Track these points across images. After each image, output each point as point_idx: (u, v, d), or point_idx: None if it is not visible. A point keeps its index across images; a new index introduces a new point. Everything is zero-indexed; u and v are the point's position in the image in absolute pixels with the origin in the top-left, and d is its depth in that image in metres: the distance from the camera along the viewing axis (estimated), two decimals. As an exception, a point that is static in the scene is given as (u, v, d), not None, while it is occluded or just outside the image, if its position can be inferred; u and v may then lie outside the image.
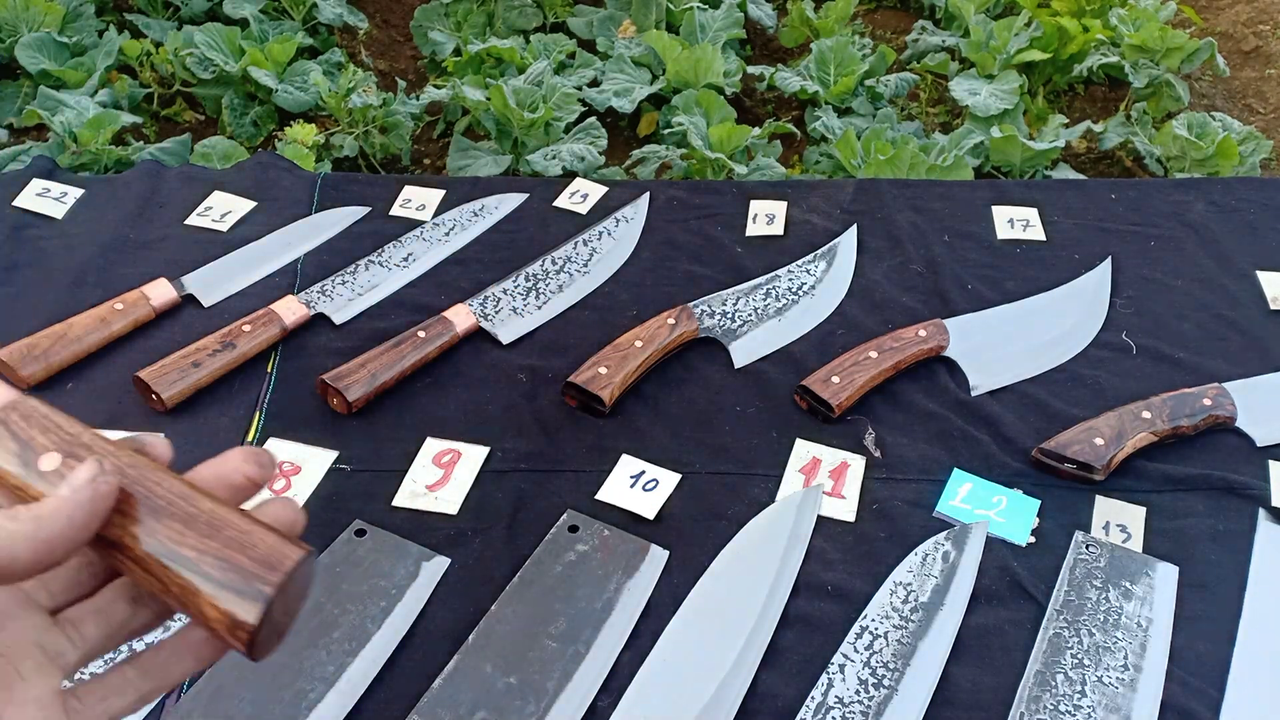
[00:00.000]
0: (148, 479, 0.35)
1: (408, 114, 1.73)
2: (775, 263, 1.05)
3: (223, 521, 0.35)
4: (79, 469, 0.34)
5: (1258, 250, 1.10)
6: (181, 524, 0.34)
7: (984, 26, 1.96)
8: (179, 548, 0.34)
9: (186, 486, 0.36)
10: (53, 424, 0.36)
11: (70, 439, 0.35)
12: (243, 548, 0.34)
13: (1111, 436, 0.83)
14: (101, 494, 0.33)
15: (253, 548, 0.34)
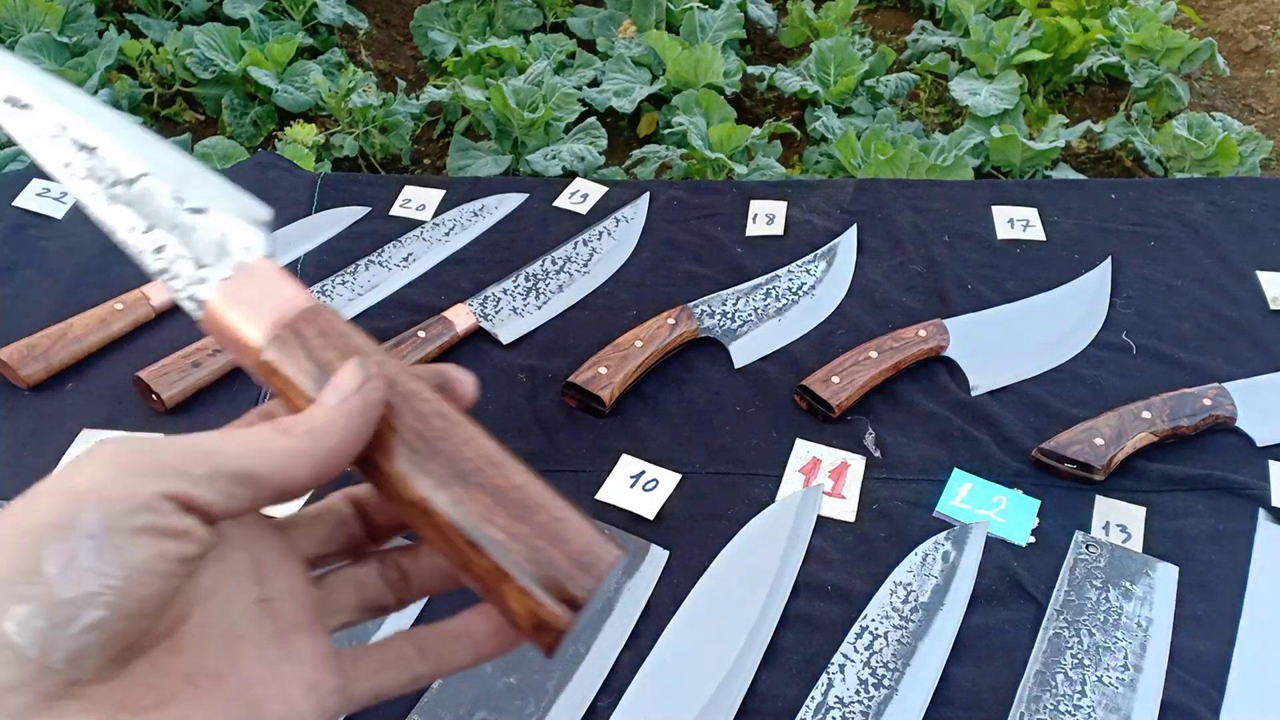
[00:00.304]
0: (455, 434, 0.32)
1: (408, 114, 1.73)
2: (775, 263, 1.05)
3: (534, 503, 0.31)
4: (341, 374, 0.31)
5: (1258, 250, 1.10)
6: (491, 498, 0.31)
7: (984, 26, 1.96)
8: (487, 526, 0.30)
9: (495, 447, 0.32)
10: (352, 346, 0.32)
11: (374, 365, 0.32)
12: (557, 539, 0.31)
13: (1111, 436, 0.83)
14: (371, 401, 0.31)
15: (567, 541, 0.31)
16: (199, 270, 0.33)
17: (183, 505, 0.27)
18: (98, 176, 0.33)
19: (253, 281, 0.33)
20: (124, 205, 0.33)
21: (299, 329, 0.32)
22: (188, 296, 0.33)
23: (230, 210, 0.34)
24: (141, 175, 0.33)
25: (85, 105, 0.34)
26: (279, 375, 0.32)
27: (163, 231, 0.33)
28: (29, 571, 0.25)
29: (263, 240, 0.34)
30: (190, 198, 0.33)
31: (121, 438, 0.28)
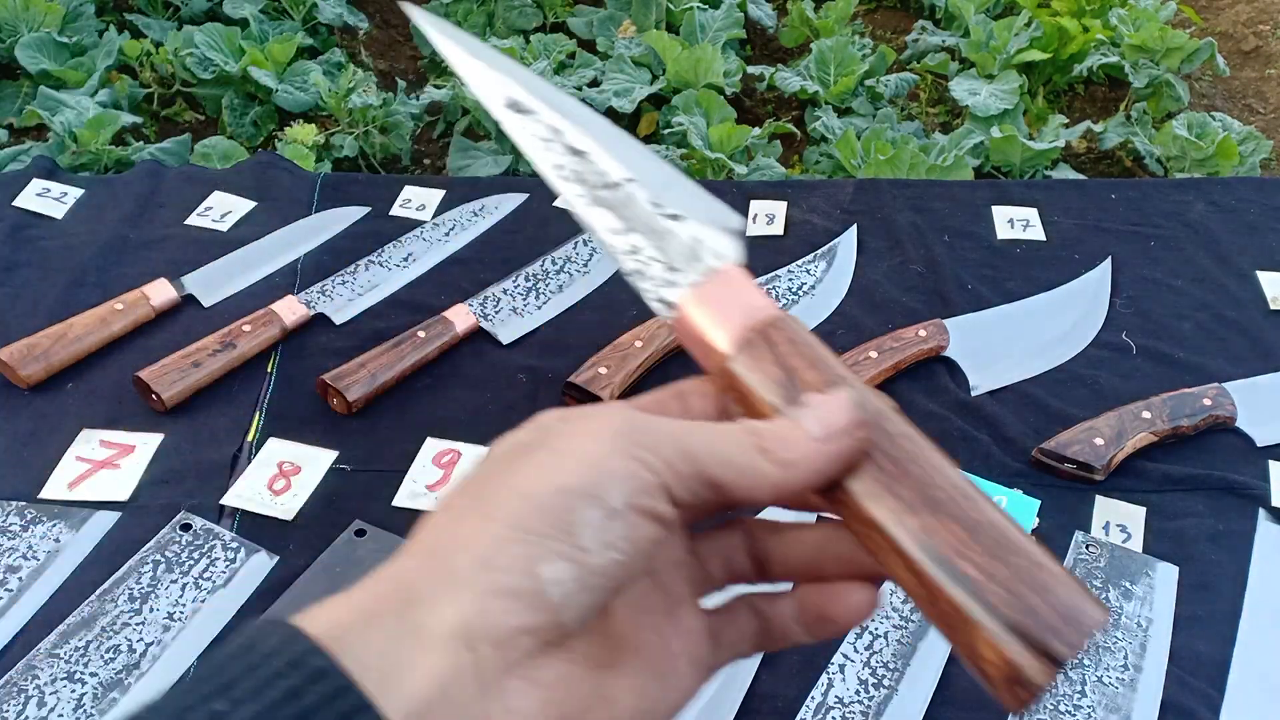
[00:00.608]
0: (924, 460, 0.30)
1: (408, 114, 1.73)
2: (775, 263, 1.05)
3: (1011, 542, 0.29)
4: (832, 407, 0.30)
5: (1258, 250, 1.10)
6: (965, 531, 0.29)
7: (984, 26, 1.96)
8: (960, 561, 0.28)
9: (964, 479, 0.30)
10: (819, 359, 0.31)
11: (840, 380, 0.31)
12: (1037, 587, 0.28)
13: (1111, 436, 0.83)
14: (857, 449, 0.30)
15: (1049, 591, 0.28)
16: (670, 274, 0.34)
17: (668, 495, 0.28)
18: (584, 179, 0.35)
19: (724, 288, 0.33)
20: (605, 208, 0.35)
21: (769, 335, 0.31)
22: (656, 298, 0.34)
23: (704, 218, 0.35)
24: (626, 180, 0.35)
25: (579, 112, 0.36)
26: (743, 381, 0.31)
27: (639, 235, 0.34)
28: (565, 532, 0.26)
29: (735, 248, 0.34)
30: (668, 204, 0.35)
31: (625, 412, 0.29)
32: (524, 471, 0.28)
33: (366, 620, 0.25)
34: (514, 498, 0.27)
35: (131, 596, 0.70)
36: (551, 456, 0.28)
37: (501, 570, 0.26)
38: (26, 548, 0.73)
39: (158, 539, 0.74)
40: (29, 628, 0.69)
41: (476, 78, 0.37)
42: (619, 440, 0.28)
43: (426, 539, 0.28)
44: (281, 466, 0.81)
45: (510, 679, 0.26)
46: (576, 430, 0.29)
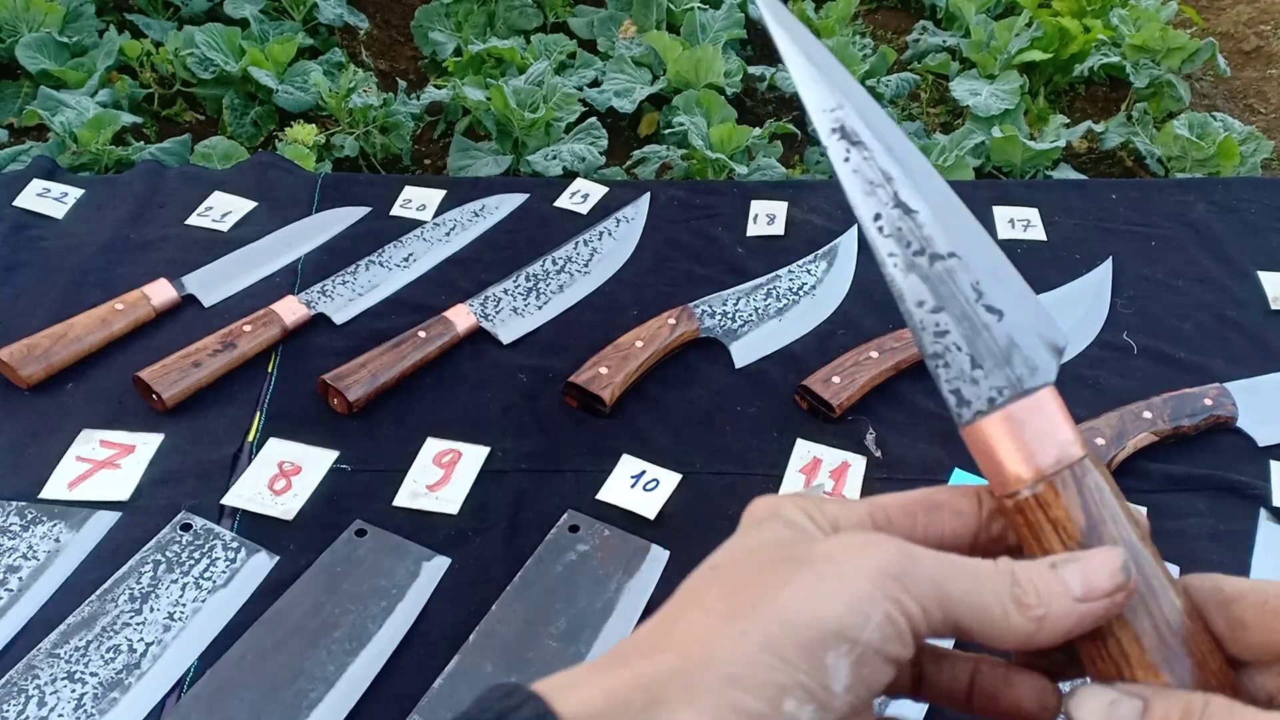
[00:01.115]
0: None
1: (408, 114, 1.73)
2: (776, 263, 1.05)
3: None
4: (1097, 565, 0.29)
5: (1259, 250, 1.10)
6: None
7: (985, 27, 1.96)
8: None
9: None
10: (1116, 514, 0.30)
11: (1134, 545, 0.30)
12: None
13: (1112, 436, 0.83)
14: (1116, 611, 0.29)
15: None
16: (974, 370, 0.31)
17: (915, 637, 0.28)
18: (905, 240, 0.32)
19: (1036, 411, 0.31)
20: (920, 278, 0.32)
21: (1077, 477, 0.30)
22: (951, 390, 0.32)
23: (1027, 323, 0.32)
24: (950, 255, 0.32)
25: (915, 161, 0.33)
26: (1034, 516, 0.30)
27: (950, 317, 0.32)
28: (816, 671, 0.26)
29: (1053, 367, 0.32)
30: (990, 294, 0.32)
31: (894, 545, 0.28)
32: (785, 592, 0.27)
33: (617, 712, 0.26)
34: (772, 621, 0.27)
35: (132, 596, 0.70)
36: (815, 582, 0.27)
37: (748, 692, 0.26)
38: (27, 548, 0.73)
39: (158, 539, 0.74)
40: (29, 627, 0.69)
41: (808, 85, 0.34)
42: (883, 581, 0.27)
43: (682, 636, 0.27)
44: (282, 466, 0.81)
45: None
46: (844, 555, 0.28)
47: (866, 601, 0.27)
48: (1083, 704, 0.28)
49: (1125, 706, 0.28)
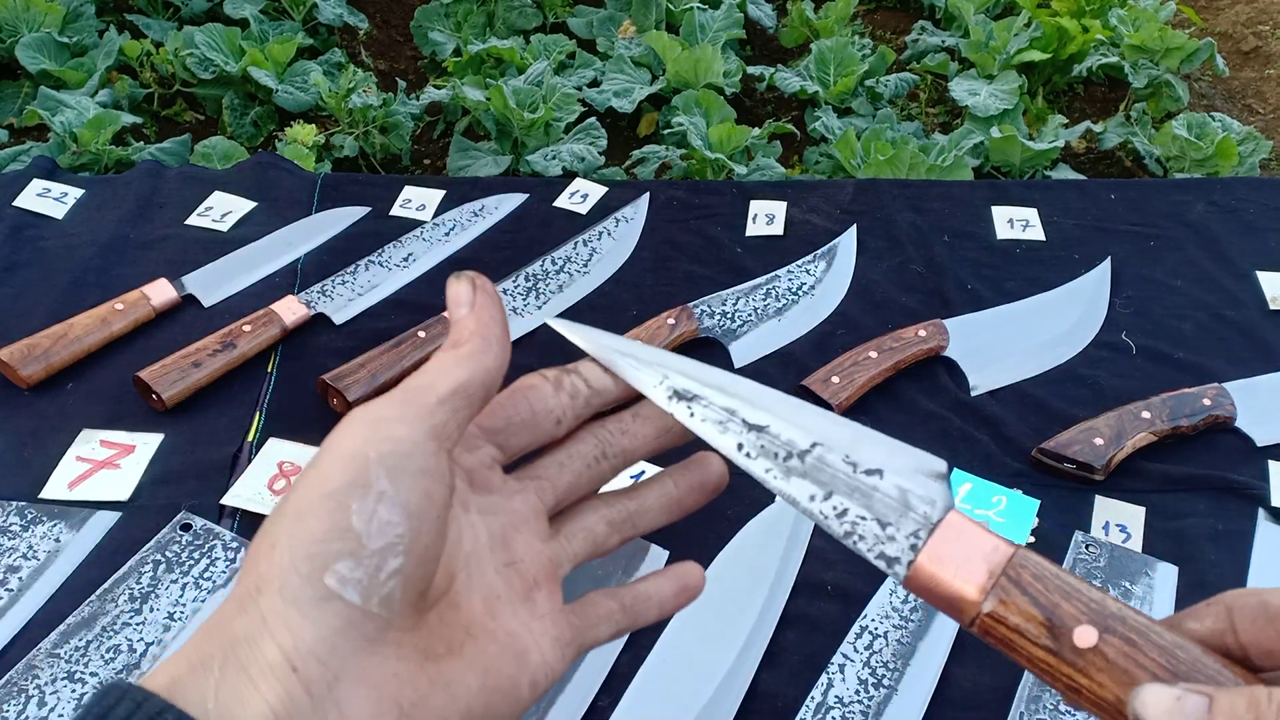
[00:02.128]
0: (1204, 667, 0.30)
1: (408, 114, 1.73)
2: (775, 263, 1.05)
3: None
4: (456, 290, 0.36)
5: (1257, 250, 1.10)
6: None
7: (983, 27, 1.96)
8: None
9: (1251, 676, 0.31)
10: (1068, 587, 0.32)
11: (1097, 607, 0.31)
12: None
13: (1111, 436, 0.83)
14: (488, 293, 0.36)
15: None
16: (884, 529, 0.34)
17: (436, 440, 0.31)
18: (771, 453, 0.35)
19: (953, 537, 0.33)
20: (800, 477, 0.35)
21: (1016, 576, 0.32)
22: (877, 555, 0.34)
23: (906, 467, 0.35)
24: (813, 445, 0.35)
25: (745, 388, 0.37)
26: (999, 632, 0.32)
27: (842, 496, 0.34)
28: (341, 529, 0.28)
29: (946, 492, 0.34)
30: (863, 460, 0.35)
31: (364, 405, 0.32)
32: (295, 493, 0.30)
33: (200, 669, 0.27)
34: (290, 519, 0.29)
35: (132, 596, 0.70)
36: (315, 470, 0.30)
37: (297, 590, 0.28)
38: (27, 548, 0.73)
39: (158, 539, 0.74)
40: (29, 627, 0.69)
41: (630, 373, 0.38)
42: (369, 427, 0.30)
43: (239, 586, 0.29)
44: (282, 466, 0.81)
45: (340, 687, 0.28)
46: (336, 437, 0.31)
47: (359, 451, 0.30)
48: (1148, 701, 0.29)
49: (1191, 702, 0.28)
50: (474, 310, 0.35)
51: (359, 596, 0.28)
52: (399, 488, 0.29)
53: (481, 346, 0.34)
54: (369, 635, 0.28)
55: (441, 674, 0.30)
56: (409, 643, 0.30)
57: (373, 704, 0.28)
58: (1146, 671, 0.30)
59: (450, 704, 0.30)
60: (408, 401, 0.31)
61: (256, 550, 0.29)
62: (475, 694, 0.31)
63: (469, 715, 0.31)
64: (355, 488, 0.29)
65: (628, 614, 0.38)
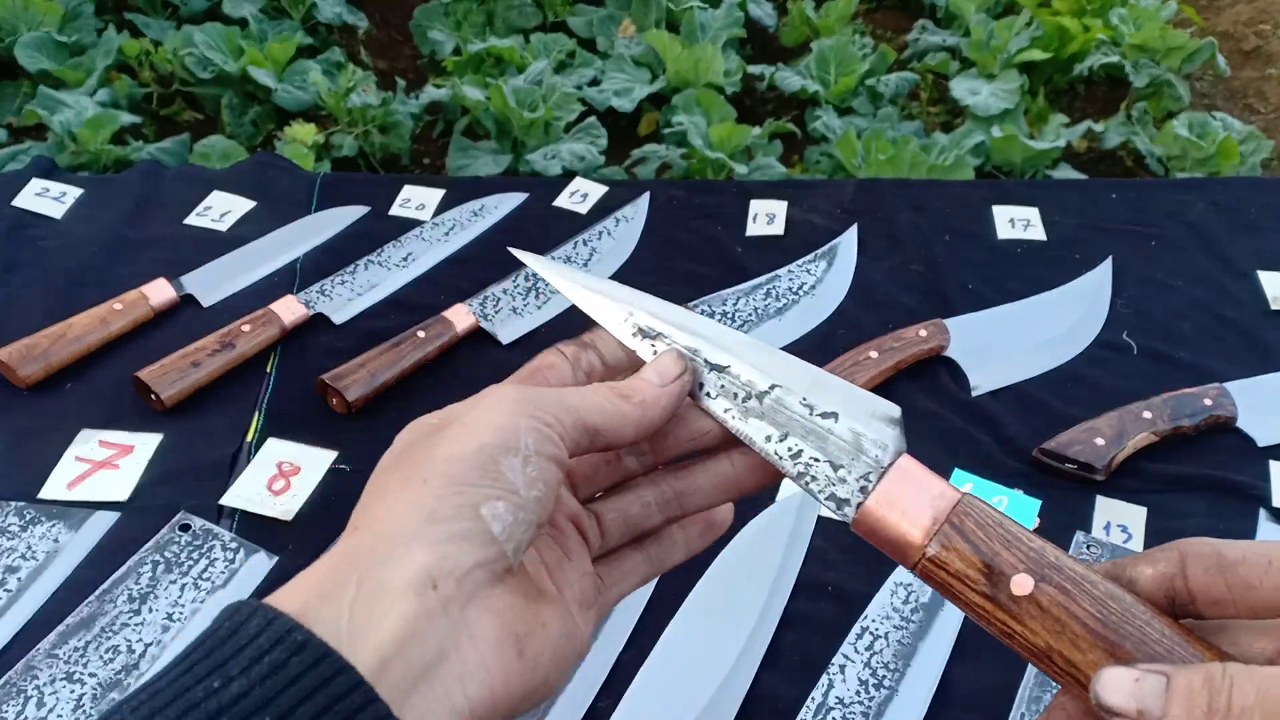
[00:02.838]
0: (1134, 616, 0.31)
1: (407, 113, 1.73)
2: (775, 262, 1.05)
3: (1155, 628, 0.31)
4: (665, 360, 0.37)
5: (1258, 250, 1.10)
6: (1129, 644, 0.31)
7: (984, 26, 1.96)
8: None
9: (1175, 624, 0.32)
10: (1010, 535, 0.33)
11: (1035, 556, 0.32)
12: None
13: (1112, 436, 0.83)
14: (684, 390, 0.36)
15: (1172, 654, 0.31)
16: (836, 472, 0.35)
17: (562, 440, 0.33)
18: (731, 394, 0.37)
19: (900, 481, 0.34)
20: (757, 418, 0.36)
21: (959, 523, 0.33)
22: (827, 497, 0.35)
23: (861, 412, 0.36)
24: (772, 386, 0.36)
25: (709, 328, 0.38)
26: (944, 570, 0.33)
27: (797, 438, 0.36)
28: (494, 476, 0.31)
29: (899, 437, 0.35)
30: (820, 404, 0.36)
31: (514, 387, 0.35)
32: (445, 443, 0.32)
33: (333, 591, 0.29)
34: (443, 462, 0.32)
35: (131, 597, 0.70)
36: (465, 427, 0.32)
37: (449, 519, 0.30)
38: (26, 548, 0.73)
39: (157, 539, 0.74)
40: (28, 628, 0.69)
41: (601, 311, 0.40)
42: (518, 405, 0.33)
43: (368, 514, 0.32)
44: (281, 467, 0.81)
45: (470, 609, 0.30)
46: (480, 405, 0.33)
47: (511, 421, 0.32)
48: (1108, 685, 0.30)
49: (1149, 681, 0.29)
50: (664, 387, 0.36)
51: (503, 534, 0.31)
52: (540, 459, 0.32)
53: (637, 415, 0.35)
54: (497, 572, 0.31)
55: (539, 614, 0.33)
56: (515, 584, 0.32)
57: (497, 629, 0.31)
58: (1078, 620, 0.31)
59: (546, 640, 0.33)
60: (558, 404, 0.34)
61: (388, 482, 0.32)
62: (558, 637, 0.34)
63: (555, 653, 0.33)
64: (507, 448, 0.32)
65: (652, 561, 0.40)
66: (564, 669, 0.34)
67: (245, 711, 0.26)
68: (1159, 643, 0.31)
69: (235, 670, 0.27)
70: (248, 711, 0.26)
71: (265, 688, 0.26)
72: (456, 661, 0.29)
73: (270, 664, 0.27)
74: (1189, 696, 0.28)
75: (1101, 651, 0.31)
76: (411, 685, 0.28)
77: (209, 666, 0.27)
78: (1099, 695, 0.30)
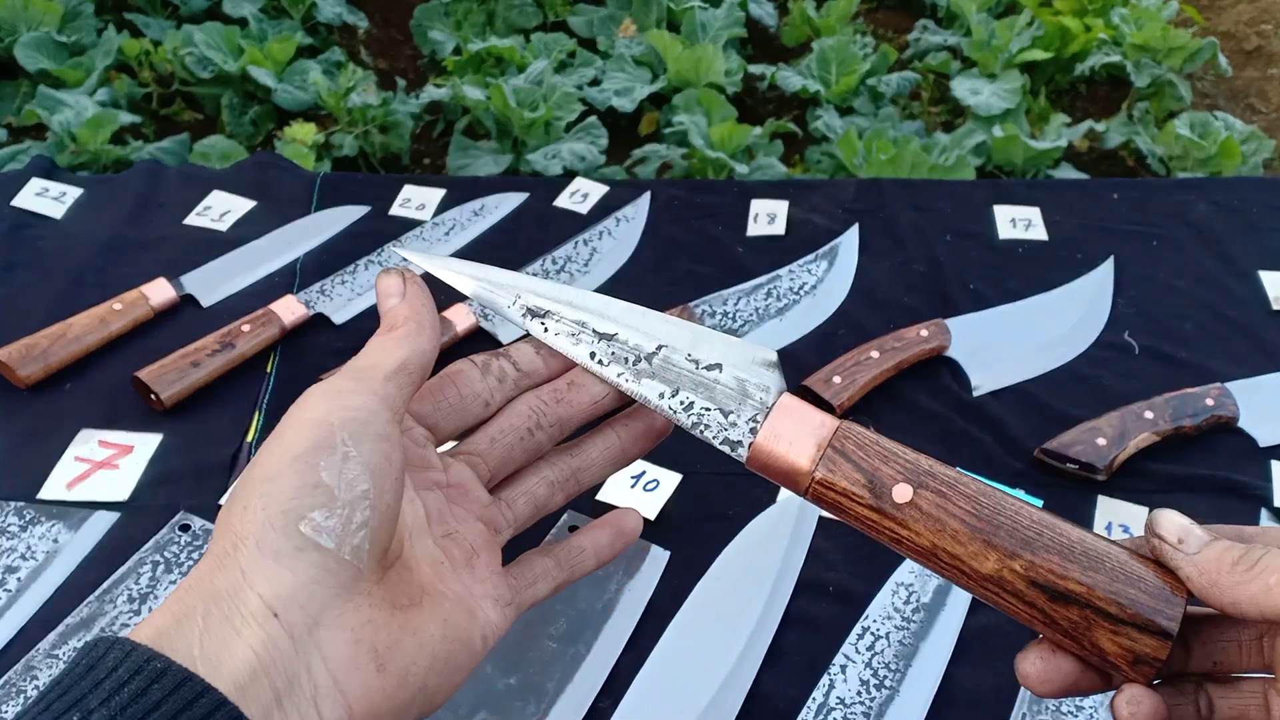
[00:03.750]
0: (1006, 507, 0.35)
1: (407, 113, 1.73)
2: (776, 262, 1.05)
3: (1099, 552, 0.34)
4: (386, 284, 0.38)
5: (1260, 250, 1.09)
6: (1061, 556, 0.34)
7: (986, 26, 1.96)
8: (1066, 583, 0.34)
9: (1043, 511, 0.35)
10: (887, 451, 0.36)
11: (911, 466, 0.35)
12: (1132, 580, 0.34)
13: (1114, 437, 0.83)
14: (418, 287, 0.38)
15: (1141, 580, 0.34)
16: (726, 418, 0.38)
17: (389, 410, 0.34)
18: (622, 358, 0.39)
19: (785, 416, 0.37)
20: (649, 378, 0.39)
21: (840, 446, 0.36)
22: (721, 441, 0.38)
23: (742, 360, 0.39)
24: (659, 347, 0.39)
25: (594, 301, 0.41)
26: (830, 496, 0.36)
27: (688, 392, 0.38)
28: (311, 486, 0.31)
29: (779, 378, 0.38)
30: (704, 357, 0.39)
31: (320, 385, 0.35)
32: (260, 464, 0.32)
33: (185, 621, 0.29)
34: (261, 484, 0.32)
35: (130, 597, 0.70)
36: (279, 441, 0.33)
37: (273, 546, 0.30)
38: (25, 548, 0.73)
39: (156, 539, 0.74)
40: (28, 628, 0.69)
41: (491, 298, 0.41)
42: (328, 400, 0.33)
43: (214, 546, 0.32)
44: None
45: (319, 630, 0.30)
46: (297, 410, 0.33)
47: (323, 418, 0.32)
48: (1165, 516, 0.35)
49: (1198, 529, 0.35)
50: (406, 299, 0.37)
51: (333, 543, 0.31)
52: (361, 450, 0.32)
53: (416, 329, 0.36)
54: (343, 583, 0.31)
55: (409, 621, 0.33)
56: (378, 594, 0.32)
57: (351, 645, 0.31)
58: (956, 518, 0.34)
59: (419, 649, 0.33)
60: (359, 378, 0.34)
61: (229, 513, 0.32)
62: (439, 642, 0.34)
63: (434, 661, 0.33)
64: (322, 449, 0.32)
65: (563, 568, 0.41)
66: (452, 674, 0.34)
67: None
68: (1029, 528, 0.34)
69: (94, 703, 0.27)
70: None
71: (127, 716, 0.26)
72: (309, 684, 0.30)
73: (130, 693, 0.27)
74: (1223, 549, 0.33)
75: (981, 543, 0.34)
76: (267, 712, 0.28)
77: (67, 703, 0.27)
78: (1154, 522, 0.34)
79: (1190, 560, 0.33)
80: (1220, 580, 0.32)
